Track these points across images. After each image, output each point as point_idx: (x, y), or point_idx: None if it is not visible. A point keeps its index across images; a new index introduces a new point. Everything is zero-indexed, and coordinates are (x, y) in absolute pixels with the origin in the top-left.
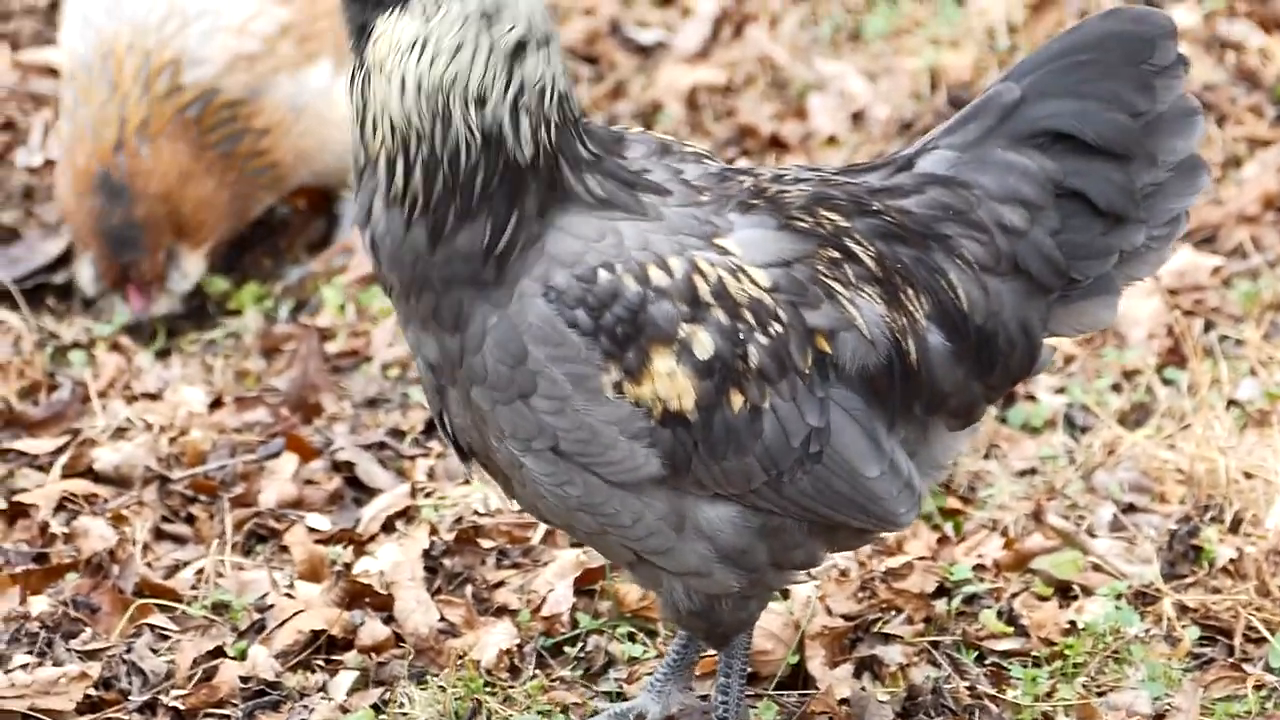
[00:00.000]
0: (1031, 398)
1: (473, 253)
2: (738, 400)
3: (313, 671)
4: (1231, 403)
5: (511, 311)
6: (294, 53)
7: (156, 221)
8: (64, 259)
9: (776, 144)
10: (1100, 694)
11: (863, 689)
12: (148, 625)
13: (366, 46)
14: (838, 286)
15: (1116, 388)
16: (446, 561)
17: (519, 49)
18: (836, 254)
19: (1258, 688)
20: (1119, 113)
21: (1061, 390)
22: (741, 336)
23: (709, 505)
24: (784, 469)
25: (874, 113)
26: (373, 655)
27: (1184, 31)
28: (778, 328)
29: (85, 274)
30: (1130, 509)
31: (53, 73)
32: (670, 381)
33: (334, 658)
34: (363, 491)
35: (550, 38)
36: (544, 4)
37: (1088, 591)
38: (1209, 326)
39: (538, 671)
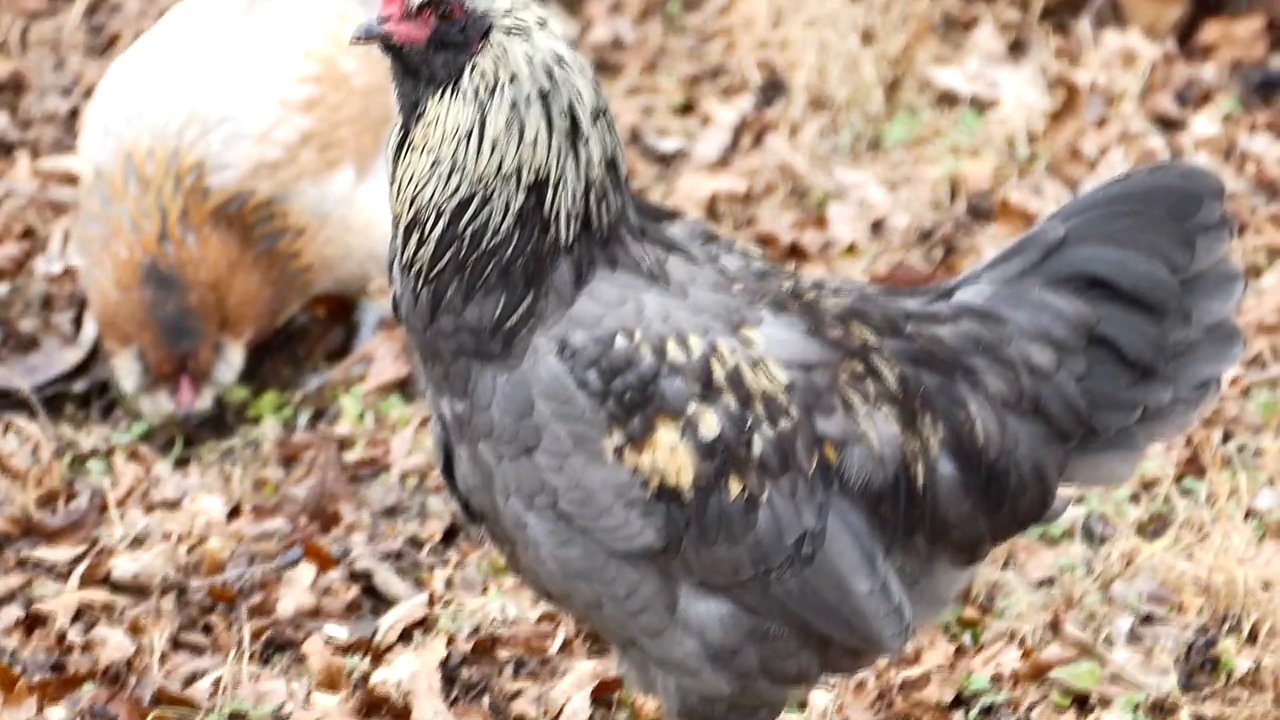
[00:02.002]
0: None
1: (480, 327)
2: (735, 487)
3: None
4: (1250, 513)
5: (524, 368)
6: (316, 160)
7: (208, 310)
8: (83, 367)
9: (796, 253)
10: None
11: None
12: None
13: (415, 124)
14: (856, 400)
15: (1135, 498)
16: (464, 671)
17: (576, 127)
18: (861, 368)
19: None
20: (1158, 266)
21: (1080, 500)
22: (749, 425)
23: (700, 599)
24: (774, 566)
25: (894, 221)
26: None
27: (1204, 141)
28: (786, 424)
29: (127, 369)
30: (1148, 619)
31: (72, 180)
32: (671, 455)
33: None
34: (380, 601)
35: (603, 110)
36: (593, 77)
37: (1106, 702)
38: (1227, 436)
39: None
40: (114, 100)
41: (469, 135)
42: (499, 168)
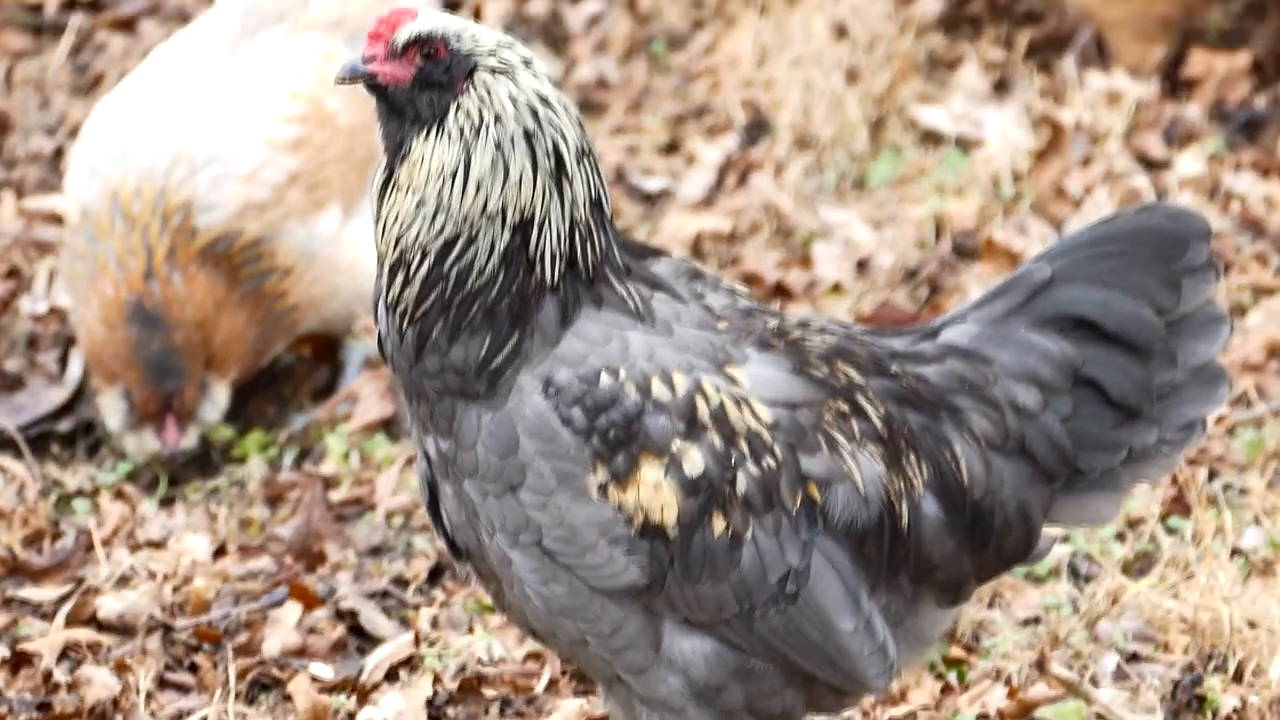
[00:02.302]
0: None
1: (465, 368)
2: (719, 524)
3: None
4: (1235, 552)
5: (509, 407)
6: (303, 200)
7: (194, 349)
8: (68, 407)
9: (781, 292)
10: None
11: None
12: None
13: (399, 164)
14: (841, 439)
15: (1120, 536)
16: (450, 710)
17: (561, 167)
18: (846, 408)
19: None
20: (1144, 307)
21: (1065, 539)
22: (733, 462)
23: (684, 636)
24: (757, 603)
25: (879, 261)
26: None
27: (1188, 180)
28: (771, 462)
29: (113, 408)
30: (1134, 658)
31: (57, 220)
32: (655, 492)
33: None
34: (366, 640)
35: (588, 149)
36: (577, 117)
37: None
38: (1213, 475)
39: None
40: (100, 140)
41: (454, 175)
42: (484, 207)
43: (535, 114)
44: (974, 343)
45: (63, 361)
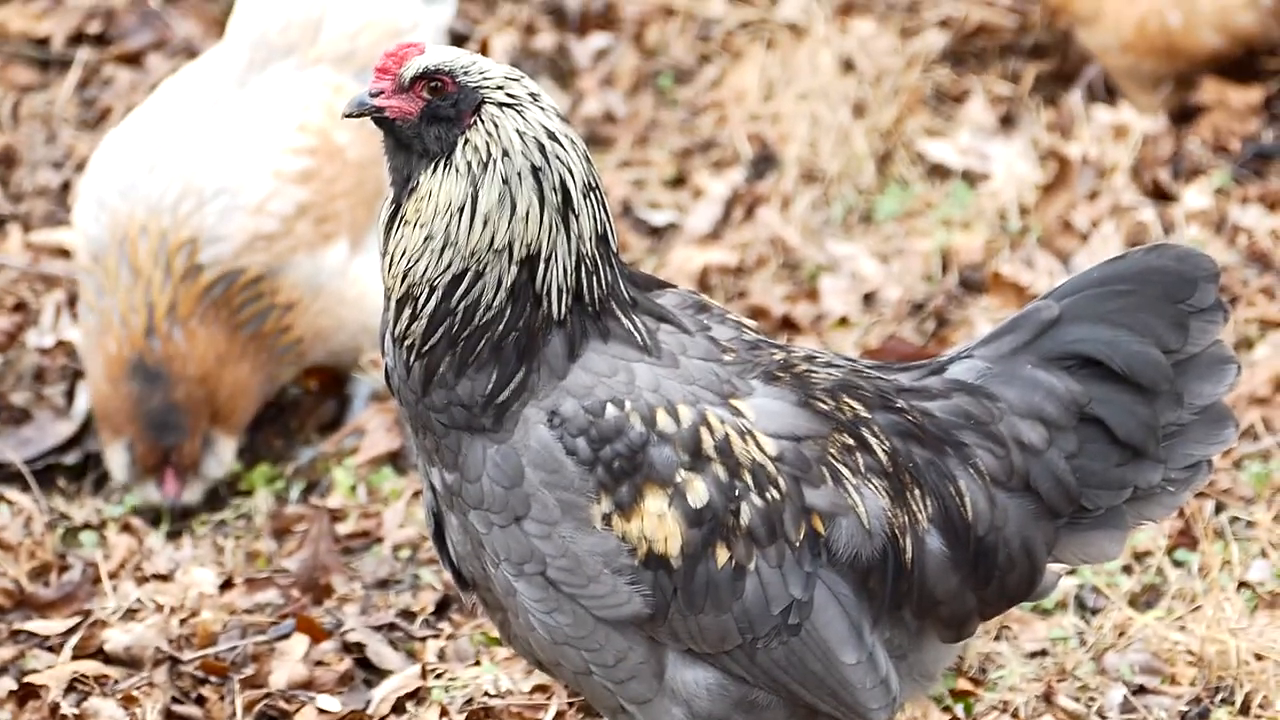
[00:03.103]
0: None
1: (472, 402)
2: (723, 555)
3: None
4: (1242, 584)
5: (515, 439)
6: (311, 233)
7: (196, 404)
8: (75, 440)
9: (788, 325)
10: None
11: None
12: None
13: (407, 198)
14: (845, 472)
15: (1127, 569)
16: None
17: (568, 202)
18: (851, 441)
19: None
20: (1150, 347)
21: (1072, 571)
22: (737, 493)
23: (687, 667)
24: (760, 634)
25: (886, 294)
26: None
27: (1195, 214)
28: (774, 494)
29: (117, 461)
30: (1141, 690)
31: (65, 254)
32: (659, 523)
33: None
34: (373, 673)
35: (595, 184)
36: (584, 151)
37: None
38: (1220, 508)
39: None
40: (108, 173)
41: (461, 210)
42: (491, 242)
43: (543, 149)
44: (981, 379)
45: (69, 395)
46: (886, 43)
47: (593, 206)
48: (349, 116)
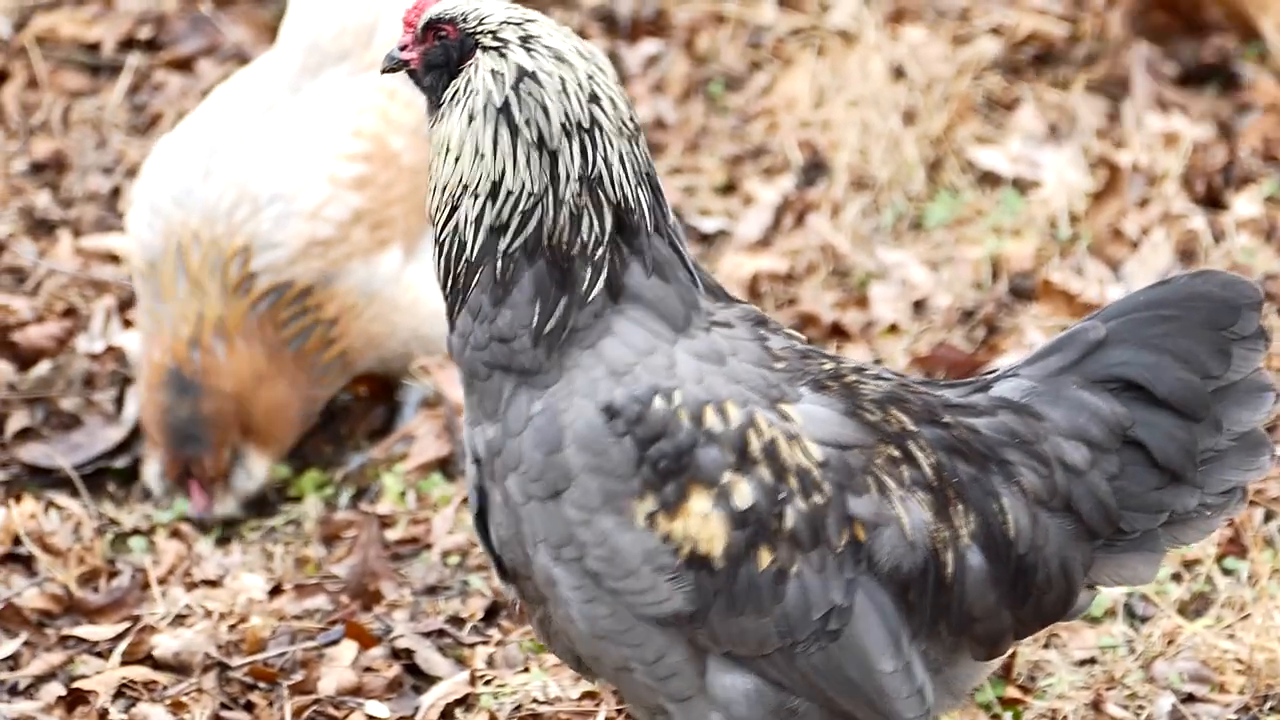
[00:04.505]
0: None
1: (511, 334)
2: (766, 558)
3: None
4: None
5: (559, 400)
6: (366, 239)
7: (223, 419)
8: (124, 445)
9: (838, 332)
10: None
11: None
12: None
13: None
14: (891, 484)
15: (1176, 577)
16: None
17: (542, 140)
18: (897, 453)
19: None
20: (1192, 373)
21: None
22: (781, 497)
23: (725, 671)
24: (800, 639)
25: (936, 301)
26: None
27: (1246, 222)
28: (819, 499)
29: (150, 471)
30: (1190, 699)
31: (114, 259)
32: (703, 523)
33: None
34: (422, 679)
35: (593, 124)
36: (590, 92)
37: None
38: (1269, 516)
39: None
40: (162, 178)
41: (442, 150)
42: (461, 179)
43: (517, 87)
44: (1026, 397)
45: (119, 401)
46: (937, 50)
47: (584, 146)
48: (386, 72)
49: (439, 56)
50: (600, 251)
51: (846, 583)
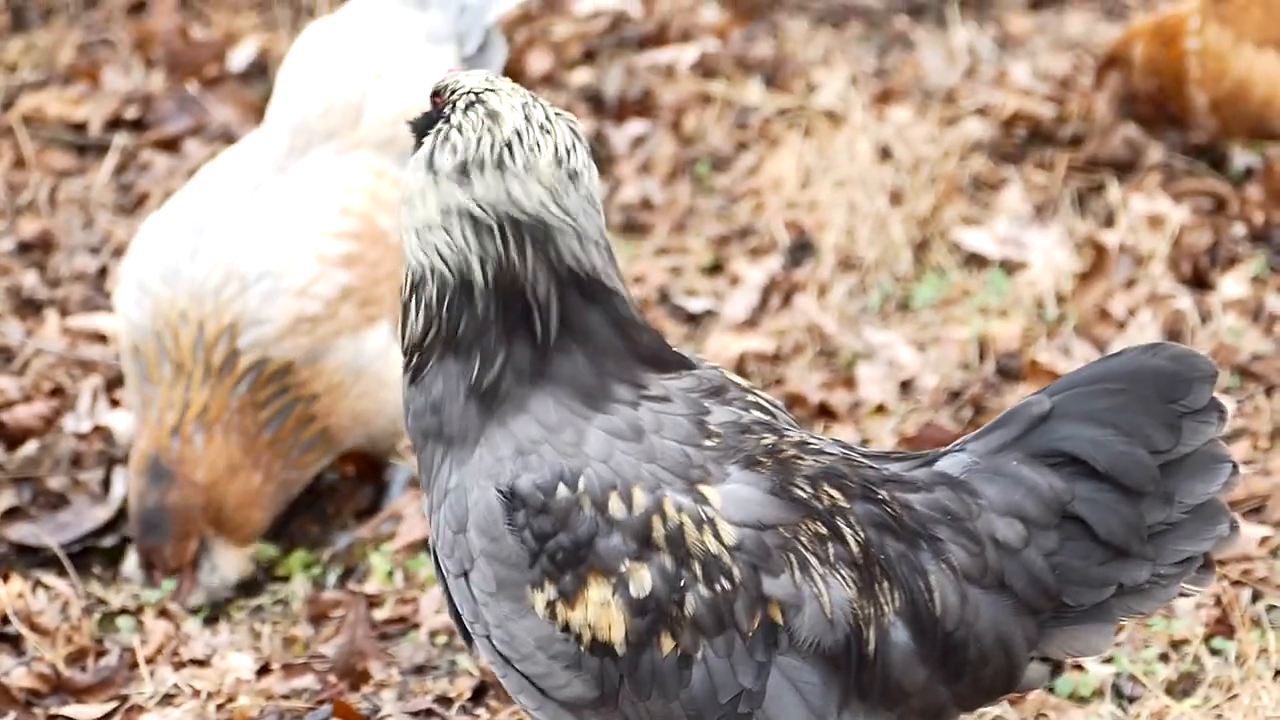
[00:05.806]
0: (1079, 667)
1: (440, 400)
2: (668, 644)
3: None
4: (1279, 673)
5: (468, 477)
6: (354, 316)
7: (189, 511)
8: (112, 524)
9: (825, 413)
10: None
11: None
12: None
13: None
14: (813, 560)
15: (1164, 657)
16: None
17: (459, 174)
18: (824, 530)
19: None
20: (1137, 447)
21: (1109, 660)
22: (682, 584)
23: None
24: None
25: (923, 382)
26: None
27: (1233, 302)
28: (725, 585)
29: (130, 561)
30: None
31: (102, 339)
32: (603, 611)
33: None
34: None
35: (496, 162)
36: (506, 160)
37: None
38: (1257, 596)
39: None
40: (149, 258)
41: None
42: (411, 224)
43: (453, 150)
44: (965, 473)
45: (106, 480)
46: (924, 130)
47: (498, 182)
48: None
49: (424, 123)
50: (508, 329)
51: (758, 666)
